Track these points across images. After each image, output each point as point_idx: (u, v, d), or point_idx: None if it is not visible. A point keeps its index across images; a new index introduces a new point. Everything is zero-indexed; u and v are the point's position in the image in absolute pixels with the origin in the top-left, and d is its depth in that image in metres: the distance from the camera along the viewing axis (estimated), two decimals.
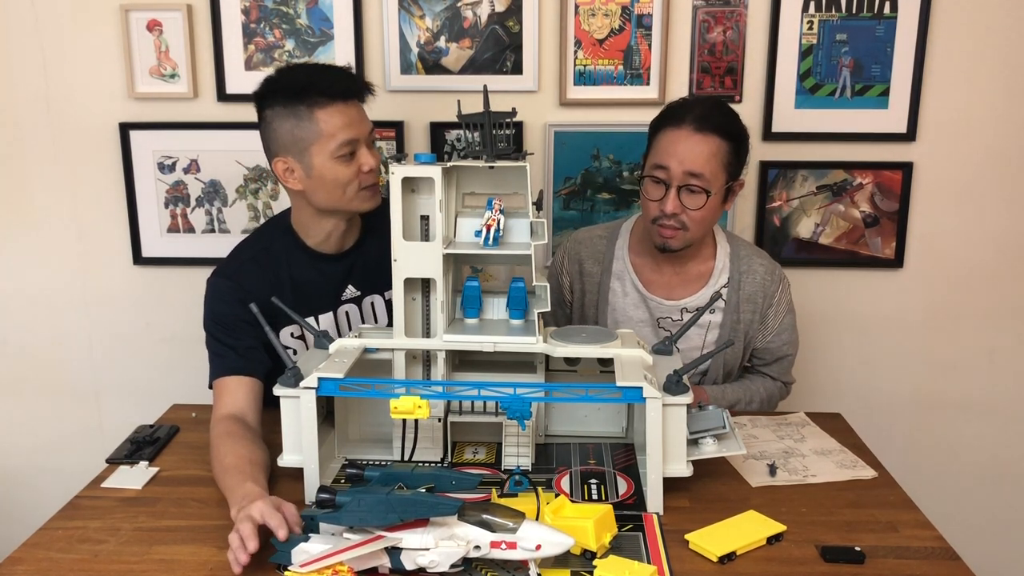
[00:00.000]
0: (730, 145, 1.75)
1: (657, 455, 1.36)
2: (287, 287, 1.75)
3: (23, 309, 2.41)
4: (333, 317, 1.81)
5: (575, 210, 2.29)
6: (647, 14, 2.18)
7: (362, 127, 1.67)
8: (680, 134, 1.73)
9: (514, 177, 1.51)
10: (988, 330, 2.36)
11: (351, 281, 1.82)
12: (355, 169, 1.67)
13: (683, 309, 1.87)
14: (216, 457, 1.48)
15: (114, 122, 2.28)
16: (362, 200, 1.71)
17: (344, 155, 1.65)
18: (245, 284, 1.71)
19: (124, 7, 2.20)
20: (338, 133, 1.63)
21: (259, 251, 1.79)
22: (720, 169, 1.74)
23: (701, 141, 1.72)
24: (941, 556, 1.26)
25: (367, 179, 1.69)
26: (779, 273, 1.92)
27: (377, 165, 1.70)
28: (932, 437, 2.42)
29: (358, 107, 1.68)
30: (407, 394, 1.36)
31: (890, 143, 2.24)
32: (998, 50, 2.19)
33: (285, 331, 1.76)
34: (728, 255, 1.89)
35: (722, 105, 1.83)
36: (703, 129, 1.72)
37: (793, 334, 1.94)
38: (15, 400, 2.46)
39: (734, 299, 1.87)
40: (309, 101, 1.63)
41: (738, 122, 1.79)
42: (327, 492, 1.21)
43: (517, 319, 1.54)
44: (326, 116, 1.63)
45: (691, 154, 1.72)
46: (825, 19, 2.18)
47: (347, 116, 1.64)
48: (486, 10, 2.19)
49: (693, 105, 1.78)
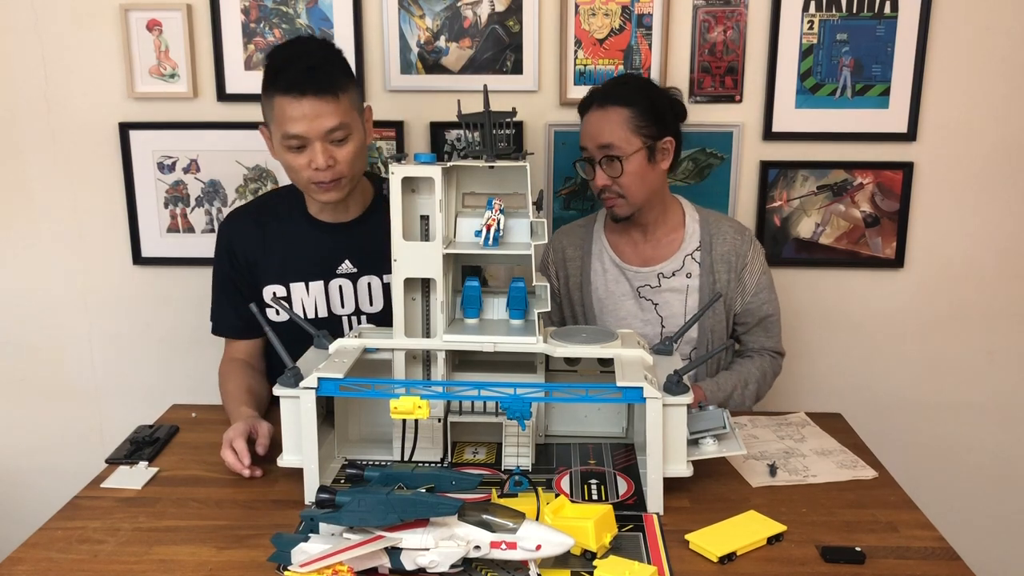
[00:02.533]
0: (633, 111, 1.86)
1: (657, 455, 1.36)
2: (277, 248, 1.85)
3: (23, 309, 2.41)
4: (324, 288, 1.84)
5: (575, 210, 2.29)
6: (647, 14, 2.18)
7: (314, 125, 1.65)
8: (589, 116, 1.91)
9: (514, 177, 1.51)
10: (988, 330, 2.36)
11: (349, 256, 1.85)
12: (305, 162, 1.69)
13: (659, 274, 1.97)
14: (221, 386, 1.80)
15: (114, 122, 2.28)
16: (316, 192, 1.74)
17: (292, 146, 1.69)
18: (234, 239, 1.86)
19: (124, 7, 2.20)
20: (285, 124, 1.66)
21: (262, 208, 1.91)
22: (630, 134, 1.86)
23: (604, 115, 1.88)
24: (941, 556, 1.26)
25: (316, 175, 1.69)
26: (749, 234, 2.01)
27: (331, 164, 1.68)
28: (932, 437, 2.42)
29: (316, 104, 1.64)
30: (407, 394, 1.36)
31: (890, 143, 2.24)
32: (998, 50, 2.19)
33: (268, 289, 1.85)
34: (698, 221, 1.99)
35: (625, 77, 2.07)
36: (604, 104, 1.88)
37: (771, 293, 2.01)
38: (15, 400, 2.46)
39: (707, 261, 1.96)
40: (274, 85, 1.67)
41: (643, 88, 1.92)
42: (327, 492, 1.21)
43: (517, 319, 1.54)
44: (280, 105, 1.67)
45: (598, 129, 1.88)
46: (825, 19, 2.18)
47: (299, 111, 1.65)
48: (486, 10, 2.19)
49: (600, 87, 1.95)
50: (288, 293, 1.84)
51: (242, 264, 1.86)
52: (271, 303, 1.81)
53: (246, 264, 1.86)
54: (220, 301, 1.90)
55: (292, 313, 1.61)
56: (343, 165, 1.70)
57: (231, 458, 1.50)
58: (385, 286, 1.85)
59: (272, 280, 1.84)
